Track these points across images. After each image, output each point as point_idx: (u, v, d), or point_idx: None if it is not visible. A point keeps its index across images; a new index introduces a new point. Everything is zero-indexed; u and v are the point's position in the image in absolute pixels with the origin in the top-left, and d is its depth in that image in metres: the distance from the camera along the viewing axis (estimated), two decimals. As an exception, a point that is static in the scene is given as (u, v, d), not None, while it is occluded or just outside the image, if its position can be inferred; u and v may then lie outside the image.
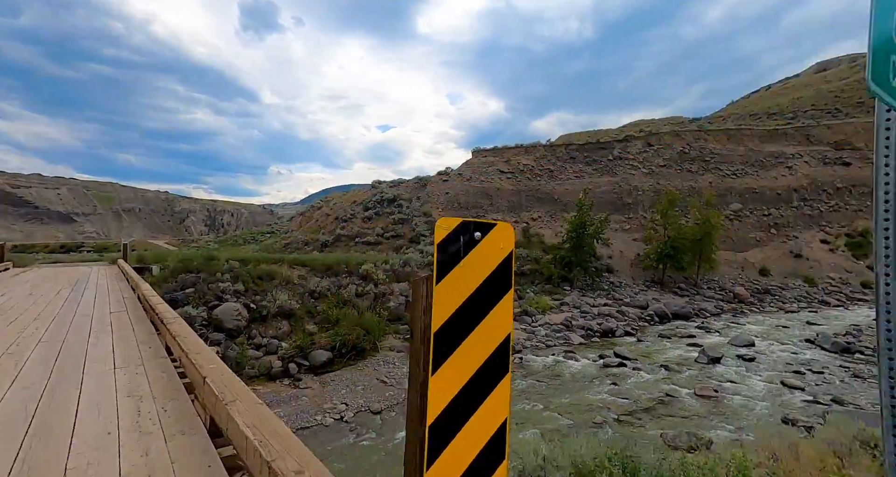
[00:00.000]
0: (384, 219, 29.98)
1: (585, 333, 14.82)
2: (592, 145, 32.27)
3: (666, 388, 9.54)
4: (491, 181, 30.66)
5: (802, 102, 67.07)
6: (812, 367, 10.79)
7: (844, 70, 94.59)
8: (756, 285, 24.16)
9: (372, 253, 23.20)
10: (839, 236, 29.84)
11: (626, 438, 7.19)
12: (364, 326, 13.03)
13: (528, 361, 11.88)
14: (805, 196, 31.41)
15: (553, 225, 28.88)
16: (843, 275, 26.62)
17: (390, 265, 17.02)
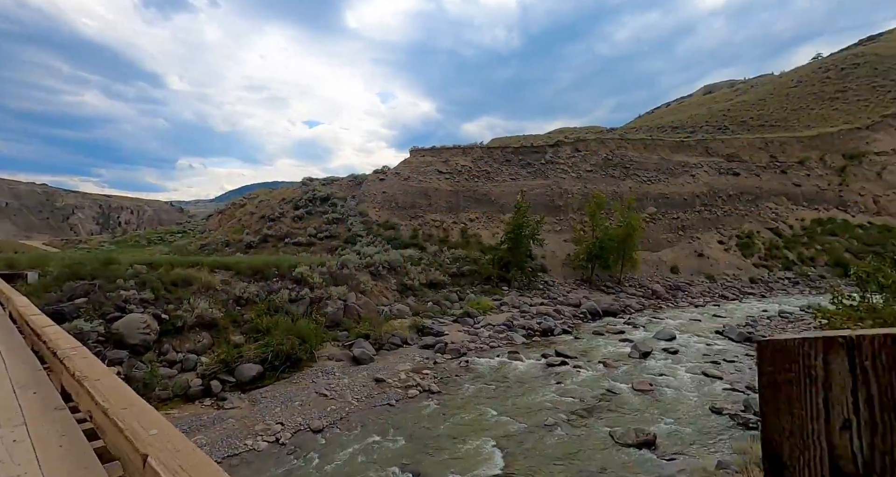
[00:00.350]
0: (317, 218, 28.37)
1: (527, 333, 15.10)
2: (526, 149, 33.41)
3: (607, 384, 9.92)
4: (429, 181, 30.41)
5: (698, 119, 75.97)
6: (725, 357, 11.95)
7: (728, 93, 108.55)
8: (669, 282, 26.63)
9: (304, 254, 21.75)
10: (731, 238, 33.99)
11: (578, 438, 7.28)
12: (299, 334, 12.01)
13: (474, 364, 11.75)
14: (705, 202, 35.37)
15: (490, 226, 29.38)
16: (736, 271, 30.36)
17: (327, 267, 15.98)
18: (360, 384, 10.18)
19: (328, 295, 14.61)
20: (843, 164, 44.99)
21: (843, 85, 71.52)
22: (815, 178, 42.63)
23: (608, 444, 6.98)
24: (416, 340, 14.03)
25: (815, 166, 43.85)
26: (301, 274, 14.60)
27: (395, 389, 9.87)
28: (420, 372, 11.07)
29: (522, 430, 7.64)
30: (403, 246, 25.30)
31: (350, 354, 12.13)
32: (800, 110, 66.05)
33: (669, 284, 26.23)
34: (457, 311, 17.57)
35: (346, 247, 23.75)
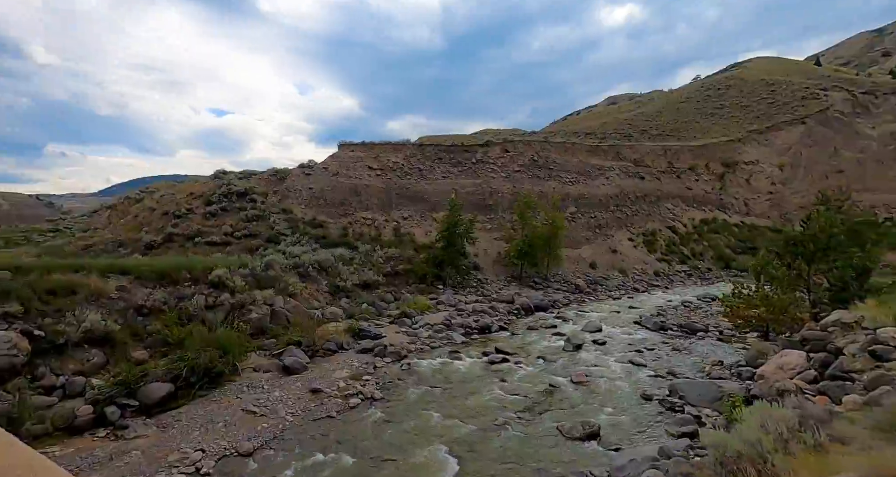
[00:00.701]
0: (233, 215, 25.79)
1: (465, 331, 15.09)
2: (457, 148, 33.71)
3: (547, 379, 10.20)
4: (360, 177, 29.28)
5: (607, 126, 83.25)
6: (646, 345, 13.01)
7: (630, 105, 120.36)
8: (589, 277, 28.63)
9: (220, 255, 19.62)
10: (639, 235, 37.61)
11: (529, 436, 7.30)
12: (219, 344, 10.65)
13: (416, 366, 11.39)
14: (617, 202, 38.70)
15: (423, 224, 29.13)
16: (643, 266, 33.63)
17: (250, 269, 14.48)
18: (295, 396, 9.30)
19: (252, 299, 13.22)
20: (722, 171, 52.18)
21: (720, 103, 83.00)
22: (703, 183, 48.90)
23: (558, 439, 7.09)
24: (352, 345, 13.29)
25: (702, 172, 50.29)
26: (219, 277, 13.02)
27: (334, 400, 9.16)
28: (360, 379, 10.45)
29: (473, 432, 7.48)
30: (333, 245, 24.03)
31: (280, 364, 11.07)
32: (688, 123, 75.35)
33: (589, 278, 28.20)
34: (393, 312, 17.04)
35: (268, 246, 21.88)
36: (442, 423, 7.92)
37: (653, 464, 5.29)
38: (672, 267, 34.61)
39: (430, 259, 22.68)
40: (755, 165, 55.16)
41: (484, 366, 11.39)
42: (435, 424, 7.90)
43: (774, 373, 7.28)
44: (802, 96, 73.51)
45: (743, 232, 43.74)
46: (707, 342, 13.31)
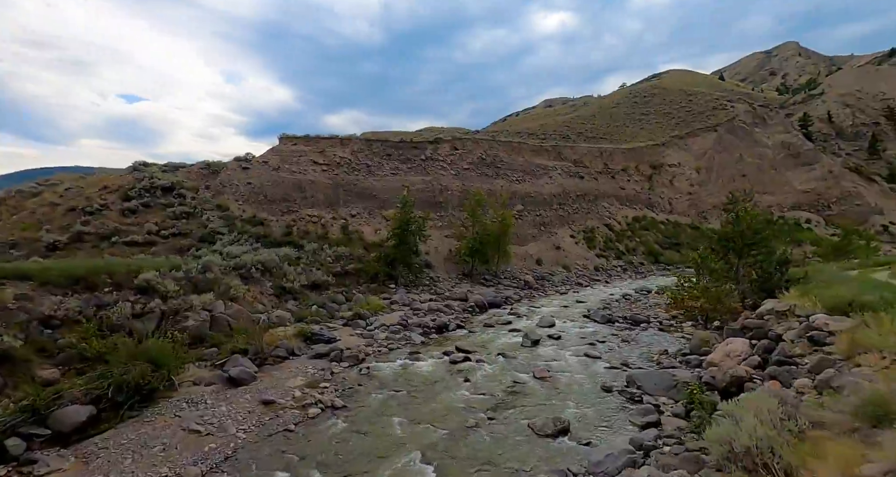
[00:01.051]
0: (158, 212, 23.27)
1: (423, 331, 14.81)
2: (407, 144, 33.20)
3: (510, 376, 10.25)
4: (304, 172, 27.80)
5: (547, 128, 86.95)
6: (597, 338, 13.58)
7: (566, 109, 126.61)
8: (536, 273, 29.58)
9: (144, 256, 17.64)
10: (579, 232, 39.59)
11: (502, 436, 7.23)
12: (150, 357, 9.43)
13: (375, 370, 10.93)
14: (560, 201, 40.41)
15: (372, 222, 28.34)
16: (584, 262, 35.44)
17: (184, 272, 13.05)
18: (245, 410, 8.47)
19: (188, 305, 11.92)
20: (649, 172, 56.49)
21: (646, 109, 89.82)
22: (634, 183, 52.59)
23: (530, 437, 7.09)
24: (304, 350, 12.48)
25: (633, 174, 54.07)
26: (148, 281, 11.57)
27: (290, 411, 8.47)
28: (317, 386, 9.79)
29: (445, 436, 7.26)
30: (276, 244, 22.59)
31: (224, 375, 10.06)
32: (619, 127, 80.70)
33: (537, 275, 29.13)
34: (346, 313, 16.31)
35: (202, 246, 20.01)
36: (411, 429, 7.61)
37: (630, 457, 5.43)
38: (609, 262, 36.84)
39: (381, 258, 22.09)
40: (677, 168, 60.40)
41: (446, 366, 11.20)
42: (404, 430, 7.57)
43: (722, 360, 7.89)
44: (714, 106, 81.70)
45: (668, 229, 47.72)
46: (650, 332, 14.22)
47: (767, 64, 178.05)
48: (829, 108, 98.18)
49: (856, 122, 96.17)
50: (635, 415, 7.44)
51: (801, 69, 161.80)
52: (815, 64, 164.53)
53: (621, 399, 8.54)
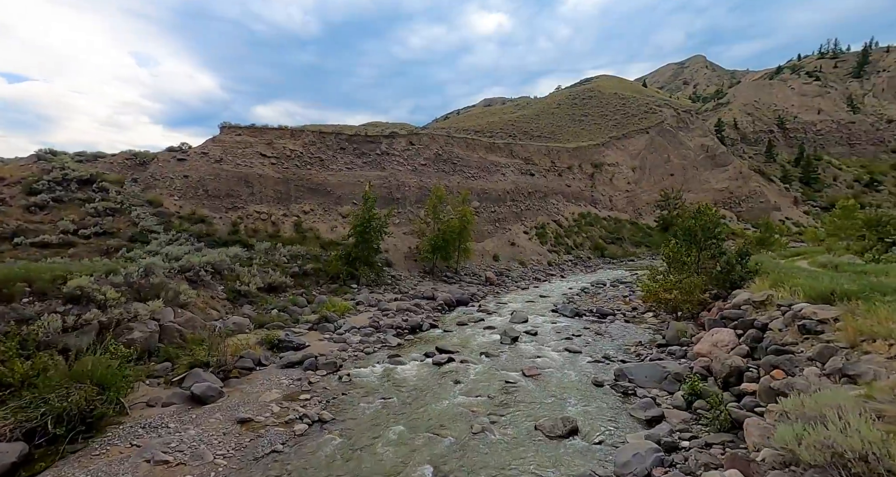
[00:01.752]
0: (74, 208, 20.36)
1: (397, 332, 14.24)
2: (361, 138, 31.98)
3: (500, 375, 10.09)
4: (251, 166, 25.75)
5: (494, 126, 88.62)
6: (571, 332, 13.88)
7: (509, 107, 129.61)
8: (495, 269, 29.91)
9: (61, 260, 15.35)
10: (532, 228, 40.72)
11: (512, 440, 7.01)
12: (90, 377, 8.04)
13: (357, 377, 10.26)
14: (514, 197, 41.24)
15: (328, 219, 26.99)
16: (538, 257, 36.50)
17: (124, 276, 11.36)
18: (219, 432, 7.49)
19: (132, 315, 10.38)
20: (591, 171, 59.53)
21: (585, 111, 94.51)
22: (578, 181, 55.13)
23: (541, 439, 6.94)
24: (272, 359, 11.44)
25: (577, 172, 56.66)
26: (82, 289, 9.89)
27: (273, 429, 7.62)
28: (297, 399, 8.95)
29: (453, 445, 6.90)
30: (222, 244, 20.75)
31: (186, 393, 8.88)
32: (562, 126, 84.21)
33: (496, 271, 29.46)
34: (310, 316, 15.26)
35: (133, 247, 17.81)
36: (413, 439, 7.14)
37: (657, 456, 5.43)
38: (561, 257, 38.29)
39: (342, 257, 21.04)
40: (616, 167, 64.26)
41: (430, 368, 10.80)
42: (405, 441, 7.09)
43: (711, 350, 8.31)
44: (645, 110, 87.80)
45: (610, 225, 50.64)
46: (618, 324, 14.82)
47: (681, 74, 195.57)
48: (734, 116, 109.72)
49: (755, 129, 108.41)
50: (637, 409, 7.57)
51: (708, 80, 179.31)
52: (719, 76, 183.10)
53: (615, 393, 8.70)
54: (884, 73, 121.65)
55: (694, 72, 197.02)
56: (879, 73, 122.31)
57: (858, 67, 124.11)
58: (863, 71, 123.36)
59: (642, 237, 50.43)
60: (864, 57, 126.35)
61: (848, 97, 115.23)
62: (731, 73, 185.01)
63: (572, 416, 7.45)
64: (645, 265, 38.58)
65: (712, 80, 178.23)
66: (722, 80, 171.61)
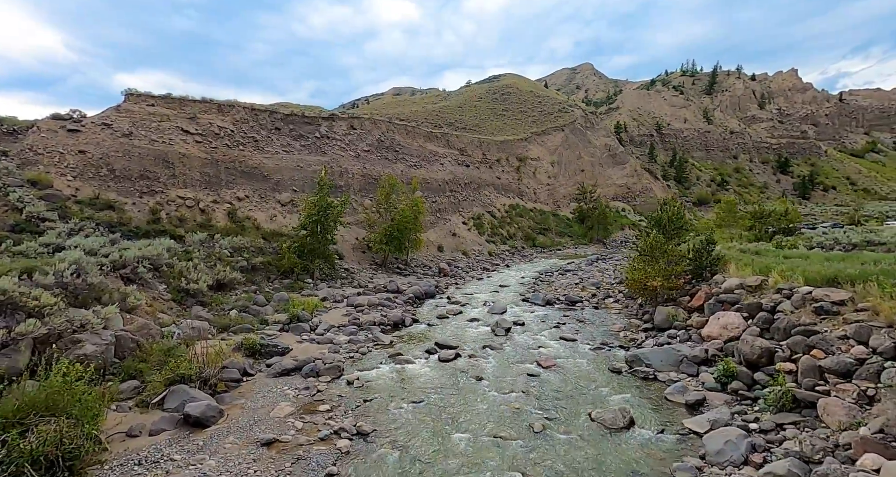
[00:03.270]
0: (-76, 187, 15.57)
1: (382, 330, 13.40)
2: (298, 118, 29.25)
3: (517, 368, 10.03)
4: (170, 143, 21.99)
5: (417, 115, 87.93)
6: (555, 321, 14.37)
7: (428, 98, 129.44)
8: (441, 260, 29.81)
9: None
10: (469, 219, 41.39)
11: (578, 437, 6.98)
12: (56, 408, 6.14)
13: (367, 380, 9.39)
14: (452, 188, 41.39)
15: (265, 207, 24.30)
16: (478, 247, 37.26)
17: (55, 276, 8.84)
18: (246, 459, 6.26)
19: (77, 324, 8.15)
20: (517, 164, 62.36)
21: (505, 106, 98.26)
22: (506, 174, 57.33)
23: (605, 433, 6.99)
24: (257, 367, 9.97)
25: (505, 165, 58.87)
26: (6, 293, 7.45)
27: (313, 448, 6.61)
28: (316, 410, 7.89)
29: (523, 447, 6.65)
30: (142, 234, 17.61)
31: (177, 416, 7.30)
32: (486, 120, 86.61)
33: (446, 261, 29.37)
34: (278, 316, 13.58)
35: (22, 238, 14.17)
36: (478, 445, 6.73)
37: (749, 442, 5.74)
38: (498, 247, 39.57)
39: (296, 249, 19.13)
40: (538, 161, 68.12)
41: (440, 366, 10.33)
42: (472, 448, 6.66)
43: (721, 333, 9.17)
44: (559, 109, 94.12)
45: (537, 216, 53.71)
46: (590, 311, 15.76)
47: (573, 79, 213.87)
48: (623, 121, 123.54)
49: (640, 132, 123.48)
50: (673, 394, 8.04)
51: (597, 87, 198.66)
52: (605, 83, 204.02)
53: (636, 379, 9.18)
54: (726, 92, 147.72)
55: (584, 78, 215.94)
56: (724, 91, 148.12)
57: (710, 86, 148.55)
58: (712, 89, 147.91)
59: (564, 228, 54.34)
60: (713, 77, 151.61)
61: (703, 110, 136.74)
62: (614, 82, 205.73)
63: (624, 407, 7.62)
64: (572, 254, 41.80)
65: (600, 87, 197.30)
66: (608, 88, 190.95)
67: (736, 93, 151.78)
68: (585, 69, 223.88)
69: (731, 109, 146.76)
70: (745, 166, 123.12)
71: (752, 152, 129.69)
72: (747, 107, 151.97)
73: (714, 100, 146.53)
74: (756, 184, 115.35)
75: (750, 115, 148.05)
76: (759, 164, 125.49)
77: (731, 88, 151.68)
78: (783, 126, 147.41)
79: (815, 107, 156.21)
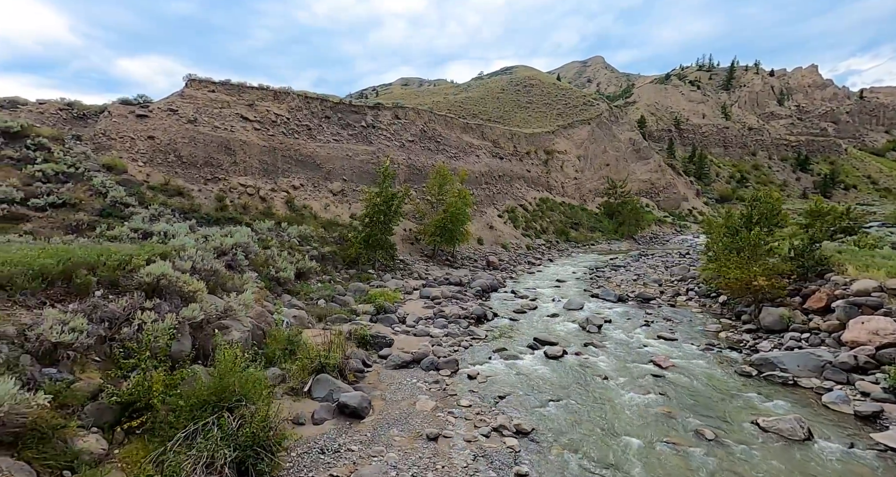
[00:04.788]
0: (10, 170, 15.81)
1: (468, 323, 13.36)
2: (346, 106, 29.09)
3: (636, 368, 9.91)
4: (232, 130, 22.01)
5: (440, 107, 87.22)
6: (640, 319, 14.19)
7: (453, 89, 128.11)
8: (484, 254, 29.68)
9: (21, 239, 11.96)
10: (504, 212, 41.14)
11: (761, 445, 6.84)
12: (238, 394, 6.11)
13: (488, 375, 9.33)
14: (487, 180, 41.11)
15: (318, 196, 24.32)
16: (516, 241, 37.06)
17: (189, 259, 8.84)
18: (423, 454, 6.22)
19: (221, 311, 8.17)
20: (545, 158, 61.70)
21: (528, 98, 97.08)
22: (536, 167, 56.78)
23: (785, 443, 6.72)
24: (372, 359, 9.99)
25: (534, 158, 58.28)
26: (164, 277, 7.48)
27: (483, 445, 6.57)
28: (458, 406, 7.86)
29: (706, 456, 6.49)
30: (213, 221, 17.71)
31: (331, 406, 7.33)
32: (510, 112, 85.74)
33: (490, 255, 29.25)
34: (364, 307, 13.61)
35: (113, 224, 14.35)
36: (660, 453, 6.51)
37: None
38: (533, 241, 39.35)
39: (364, 239, 19.13)
40: (564, 155, 67.35)
41: (550, 363, 10.26)
42: (655, 456, 6.51)
43: (870, 338, 8.92)
44: (584, 102, 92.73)
45: (567, 210, 53.25)
46: (669, 309, 15.58)
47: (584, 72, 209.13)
48: (642, 115, 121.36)
49: (658, 127, 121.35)
50: (837, 404, 7.74)
51: (609, 81, 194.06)
52: (617, 77, 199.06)
53: (773, 384, 8.95)
54: (744, 88, 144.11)
55: (596, 71, 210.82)
56: (742, 87, 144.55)
57: (727, 81, 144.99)
58: (730, 85, 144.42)
59: (595, 223, 53.85)
60: (731, 73, 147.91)
61: (721, 106, 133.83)
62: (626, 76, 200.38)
63: (792, 414, 7.42)
64: (606, 250, 41.37)
65: (612, 81, 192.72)
66: (620, 82, 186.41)
67: (754, 89, 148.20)
68: (596, 62, 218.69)
69: (749, 105, 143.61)
70: (763, 163, 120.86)
71: (771, 149, 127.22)
72: (766, 103, 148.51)
73: (732, 95, 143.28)
74: (775, 181, 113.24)
75: (768, 112, 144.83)
76: (778, 162, 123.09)
77: (750, 84, 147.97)
78: (802, 123, 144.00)
79: (835, 104, 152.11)
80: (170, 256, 8.93)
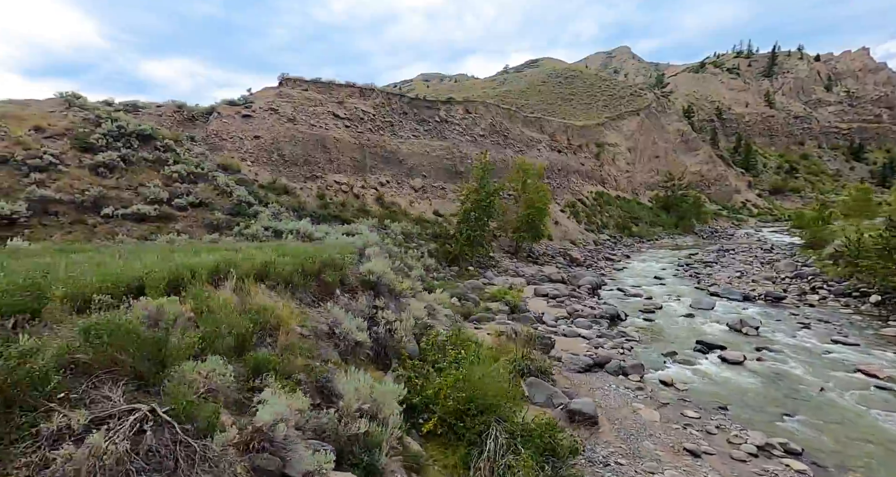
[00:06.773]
0: (148, 171, 16.23)
1: (605, 325, 12.88)
2: (421, 102, 28.94)
3: (843, 378, 9.21)
4: (326, 128, 22.18)
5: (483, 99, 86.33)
6: (790, 320, 13.35)
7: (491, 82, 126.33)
8: (557, 249, 29.03)
9: (170, 237, 12.30)
10: (566, 207, 40.23)
11: None
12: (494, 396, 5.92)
13: (683, 382, 8.85)
14: (548, 174, 40.22)
15: (402, 192, 24.28)
16: (582, 236, 36.18)
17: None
18: (698, 469, 5.86)
19: (427, 309, 8.04)
20: (597, 151, 60.03)
21: (571, 90, 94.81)
22: (589, 160, 55.34)
23: None
24: (550, 362, 9.69)
25: (587, 151, 56.82)
26: (384, 276, 7.41)
27: (760, 465, 6.13)
28: (685, 416, 7.44)
29: None
30: (320, 219, 17.81)
31: (561, 413, 7.05)
32: (554, 105, 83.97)
33: (566, 250, 28.59)
34: (496, 305, 13.34)
35: (248, 222, 14.63)
36: None
37: None
38: (598, 236, 38.34)
39: (467, 237, 18.91)
40: (615, 147, 65.36)
41: (735, 368, 9.68)
42: None
43: None
44: (631, 93, 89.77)
45: (623, 204, 51.69)
46: (807, 309, 14.63)
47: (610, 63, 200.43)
48: (688, 104, 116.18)
49: (700, 118, 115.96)
50: None
51: (636, 71, 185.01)
52: (645, 67, 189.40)
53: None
54: (788, 74, 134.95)
55: (622, 62, 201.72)
56: (785, 73, 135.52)
57: (769, 68, 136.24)
58: (772, 71, 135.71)
59: (653, 217, 52.13)
60: (773, 59, 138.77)
61: (765, 93, 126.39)
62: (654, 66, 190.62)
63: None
64: (672, 244, 39.86)
65: (640, 71, 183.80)
66: (648, 71, 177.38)
67: (799, 75, 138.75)
68: (622, 52, 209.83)
69: (794, 92, 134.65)
70: (813, 153, 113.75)
71: (821, 138, 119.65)
72: (812, 89, 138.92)
73: (774, 83, 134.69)
74: (827, 172, 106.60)
75: (815, 99, 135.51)
76: (828, 151, 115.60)
77: (794, 70, 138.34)
78: (854, 110, 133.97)
79: (889, 88, 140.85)
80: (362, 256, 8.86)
